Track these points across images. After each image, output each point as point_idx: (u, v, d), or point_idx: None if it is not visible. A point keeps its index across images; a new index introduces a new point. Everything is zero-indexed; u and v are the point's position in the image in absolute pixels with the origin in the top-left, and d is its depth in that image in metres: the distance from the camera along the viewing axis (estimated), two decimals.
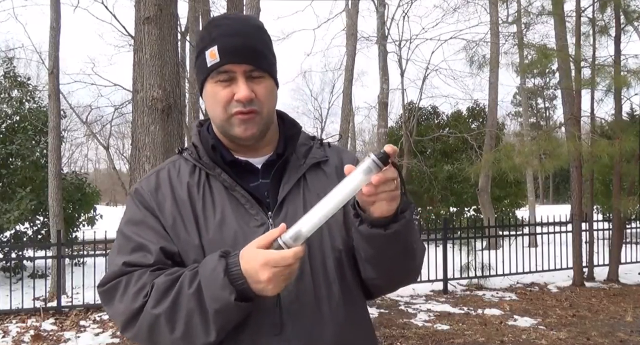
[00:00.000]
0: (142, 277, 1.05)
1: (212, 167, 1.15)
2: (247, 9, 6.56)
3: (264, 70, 1.13)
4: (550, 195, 45.58)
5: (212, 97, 1.13)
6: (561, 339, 5.39)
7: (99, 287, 1.11)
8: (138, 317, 1.03)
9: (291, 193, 1.16)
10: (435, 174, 15.51)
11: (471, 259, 8.45)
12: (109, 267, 1.12)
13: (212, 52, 1.10)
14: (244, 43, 1.10)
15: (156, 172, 1.21)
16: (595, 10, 9.04)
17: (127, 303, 1.04)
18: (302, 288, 1.09)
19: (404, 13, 16.42)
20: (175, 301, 1.00)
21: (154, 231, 1.11)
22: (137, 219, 1.13)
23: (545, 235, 9.17)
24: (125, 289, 1.06)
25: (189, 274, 1.02)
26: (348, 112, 14.81)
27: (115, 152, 24.17)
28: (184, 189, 1.14)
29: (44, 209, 9.28)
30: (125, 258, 1.09)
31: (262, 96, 1.12)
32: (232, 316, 0.99)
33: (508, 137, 21.64)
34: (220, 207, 1.12)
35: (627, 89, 8.88)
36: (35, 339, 5.63)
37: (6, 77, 10.49)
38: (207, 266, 1.00)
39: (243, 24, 1.14)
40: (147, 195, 1.15)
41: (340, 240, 1.16)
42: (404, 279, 1.23)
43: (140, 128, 4.40)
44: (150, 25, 4.34)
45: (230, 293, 0.96)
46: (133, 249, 1.10)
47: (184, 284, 1.01)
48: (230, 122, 1.12)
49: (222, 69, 1.10)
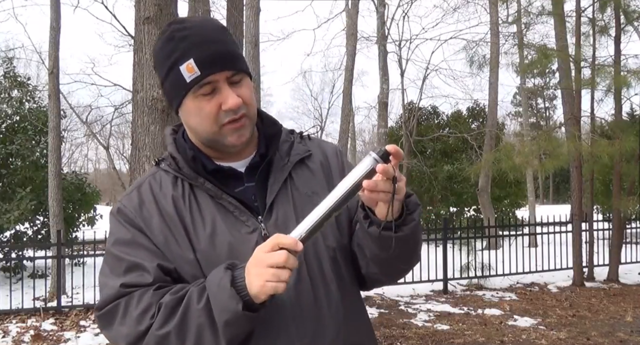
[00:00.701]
0: (143, 297, 1.01)
1: (194, 177, 1.10)
2: (247, 9, 6.56)
3: (242, 71, 1.10)
4: (550, 195, 45.57)
5: (196, 112, 1.08)
6: (561, 339, 5.39)
7: (96, 311, 1.07)
8: (143, 339, 1.00)
9: (279, 195, 1.13)
10: (435, 174, 15.52)
11: (471, 259, 8.45)
12: (103, 290, 1.07)
13: (189, 66, 1.04)
14: (218, 50, 1.06)
15: (136, 187, 1.15)
16: (595, 10, 9.04)
17: (131, 326, 1.01)
18: (301, 289, 1.09)
19: (404, 13, 16.45)
20: (184, 318, 0.98)
21: (146, 249, 1.06)
22: (126, 239, 1.08)
23: (545, 235, 9.17)
24: (125, 311, 1.02)
25: (196, 289, 0.99)
26: (348, 112, 14.81)
27: (115, 152, 24.19)
28: (169, 203, 1.10)
29: (44, 209, 9.28)
30: (122, 279, 1.04)
31: (247, 98, 1.09)
32: (241, 327, 0.98)
33: (508, 137, 21.65)
34: (210, 218, 1.09)
35: (627, 89, 8.87)
36: (35, 339, 5.63)
37: (6, 77, 10.49)
38: (214, 279, 0.98)
39: (209, 29, 1.09)
40: (132, 214, 1.10)
41: (333, 239, 1.15)
42: (405, 272, 1.24)
43: (140, 128, 4.40)
44: (150, 25, 4.33)
45: (237, 303, 0.94)
46: (127, 268, 1.05)
47: (192, 299, 0.98)
48: (221, 133, 1.08)
49: (204, 82, 1.05)
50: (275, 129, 1.21)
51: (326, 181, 1.19)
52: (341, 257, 1.16)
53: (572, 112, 8.51)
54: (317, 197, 1.10)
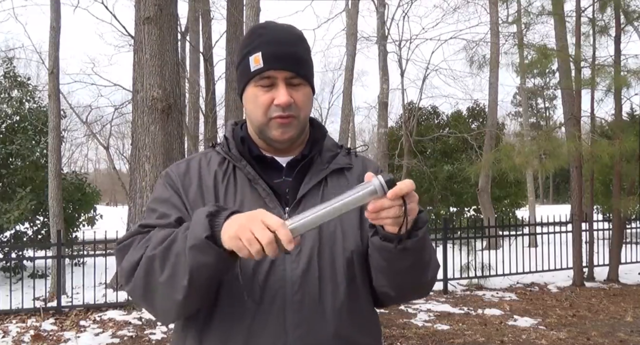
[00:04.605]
0: (150, 233, 1.12)
1: (238, 158, 1.21)
2: (247, 9, 6.56)
3: (303, 78, 1.19)
4: (550, 195, 45.58)
5: (253, 100, 1.19)
6: (561, 339, 5.39)
7: (116, 245, 1.17)
8: (136, 267, 1.08)
9: (310, 192, 1.20)
10: (435, 174, 15.51)
11: (471, 259, 8.46)
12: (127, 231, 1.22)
13: (256, 58, 1.16)
14: (286, 51, 1.17)
15: (187, 160, 1.28)
16: (595, 10, 9.04)
17: (134, 254, 1.10)
18: (308, 279, 1.12)
19: (404, 13, 16.47)
20: (169, 245, 1.04)
21: (176, 208, 1.18)
22: (163, 198, 1.21)
23: (545, 235, 9.16)
24: (137, 244, 1.12)
25: (186, 224, 1.07)
26: (348, 112, 14.81)
27: (115, 152, 24.17)
28: (211, 177, 1.21)
29: (44, 209, 9.28)
30: (144, 222, 1.18)
31: (300, 102, 1.18)
32: (204, 256, 0.99)
33: (508, 137, 21.62)
34: (241, 197, 1.18)
35: (627, 89, 8.88)
36: (35, 339, 5.63)
37: (6, 77, 10.48)
38: (198, 212, 1.04)
39: (286, 33, 1.21)
40: (175, 178, 1.23)
41: (353, 242, 1.19)
42: (413, 292, 1.26)
43: (140, 128, 4.41)
44: (150, 25, 4.34)
45: (204, 231, 0.98)
46: (155, 217, 1.18)
47: (180, 230, 1.06)
48: (269, 125, 1.18)
49: (265, 75, 1.16)
50: (321, 133, 1.30)
51: None
52: (357, 262, 1.19)
53: (572, 112, 8.50)
54: None
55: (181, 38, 13.45)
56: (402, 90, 16.07)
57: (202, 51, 13.89)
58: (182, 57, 13.07)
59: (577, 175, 8.55)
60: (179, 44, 10.63)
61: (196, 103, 14.94)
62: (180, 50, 11.38)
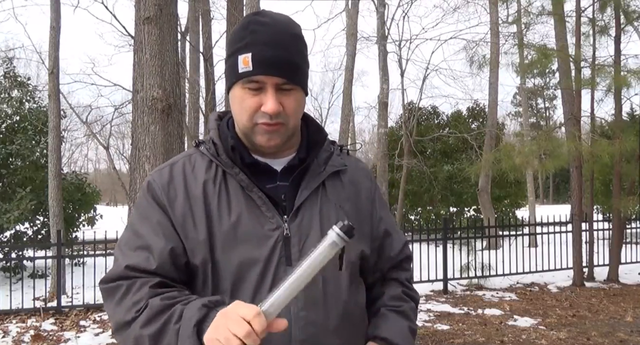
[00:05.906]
0: (140, 290, 1.07)
1: (230, 166, 1.14)
2: (247, 9, 6.55)
3: (295, 83, 1.11)
4: (550, 195, 45.56)
5: (239, 102, 1.12)
6: (561, 339, 5.38)
7: (101, 283, 1.14)
8: (127, 328, 1.05)
9: (309, 199, 1.15)
10: (435, 174, 15.51)
11: (471, 259, 8.45)
12: (115, 263, 1.15)
13: (245, 59, 1.09)
14: (278, 56, 1.08)
15: (170, 164, 1.19)
16: (595, 10, 9.03)
17: (122, 313, 1.06)
18: (310, 293, 1.09)
19: (404, 13, 16.46)
20: (162, 330, 1.01)
21: (162, 229, 1.11)
22: (146, 214, 1.14)
23: (545, 235, 9.16)
24: (124, 296, 1.08)
25: (179, 309, 1.02)
26: (348, 112, 14.81)
27: (115, 152, 24.13)
28: (199, 185, 1.13)
29: (44, 209, 9.28)
30: (128, 260, 1.11)
31: (289, 109, 1.11)
32: None
33: (508, 137, 21.62)
34: (237, 208, 1.11)
35: (627, 89, 8.86)
36: (35, 339, 5.63)
37: (6, 77, 10.48)
38: (190, 311, 1.00)
39: (280, 32, 1.11)
40: (159, 190, 1.14)
41: (366, 245, 1.22)
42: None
43: (140, 128, 4.40)
44: (150, 25, 4.33)
45: (192, 343, 0.96)
46: (138, 246, 1.11)
47: (172, 317, 1.01)
48: (254, 130, 1.12)
49: (253, 79, 1.09)
50: (320, 137, 1.23)
51: (354, 198, 1.22)
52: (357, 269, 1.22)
53: (572, 112, 8.50)
54: (342, 210, 1.16)
55: (181, 38, 13.45)
56: (402, 90, 16.08)
57: (202, 51, 13.88)
58: (182, 57, 13.06)
59: (577, 175, 8.54)
60: (179, 44, 10.62)
61: (196, 103, 14.93)
62: (180, 50, 11.37)
